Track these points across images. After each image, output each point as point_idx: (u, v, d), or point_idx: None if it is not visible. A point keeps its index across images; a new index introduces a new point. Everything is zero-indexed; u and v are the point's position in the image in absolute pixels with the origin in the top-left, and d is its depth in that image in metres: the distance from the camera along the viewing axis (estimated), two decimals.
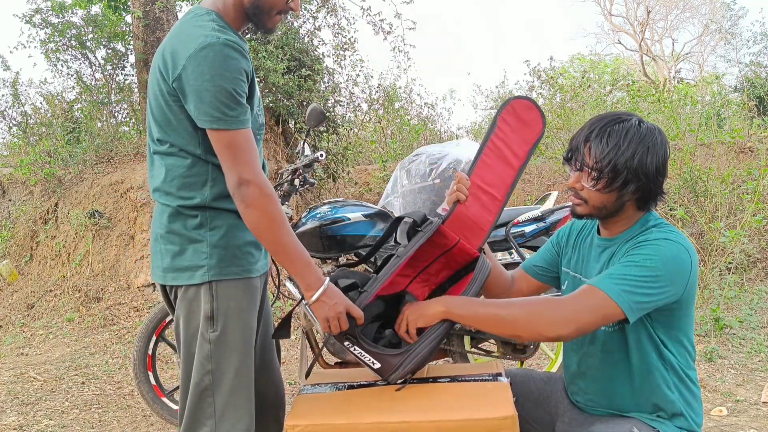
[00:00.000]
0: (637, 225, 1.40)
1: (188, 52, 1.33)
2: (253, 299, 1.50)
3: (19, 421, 3.09)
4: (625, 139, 1.32)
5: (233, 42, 1.35)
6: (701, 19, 19.72)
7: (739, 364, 3.46)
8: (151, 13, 6.24)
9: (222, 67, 1.32)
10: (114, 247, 5.51)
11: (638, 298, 1.25)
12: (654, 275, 1.26)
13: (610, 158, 1.31)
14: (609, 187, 1.33)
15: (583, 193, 1.37)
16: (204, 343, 1.43)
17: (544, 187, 6.26)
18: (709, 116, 7.26)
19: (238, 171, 1.35)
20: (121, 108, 8.01)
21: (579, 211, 1.40)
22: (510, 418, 1.26)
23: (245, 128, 1.37)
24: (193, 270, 1.43)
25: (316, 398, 1.44)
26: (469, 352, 2.92)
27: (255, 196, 1.35)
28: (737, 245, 4.72)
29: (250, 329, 1.48)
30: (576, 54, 18.96)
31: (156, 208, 1.52)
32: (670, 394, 1.35)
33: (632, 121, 1.34)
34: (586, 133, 1.36)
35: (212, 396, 1.43)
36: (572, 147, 1.38)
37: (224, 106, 1.32)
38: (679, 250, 1.28)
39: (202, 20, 1.39)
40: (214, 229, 1.44)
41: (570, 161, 1.39)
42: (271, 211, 1.36)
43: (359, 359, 1.42)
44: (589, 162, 1.33)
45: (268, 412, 1.68)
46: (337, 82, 6.56)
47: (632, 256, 1.30)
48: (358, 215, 2.72)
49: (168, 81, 1.38)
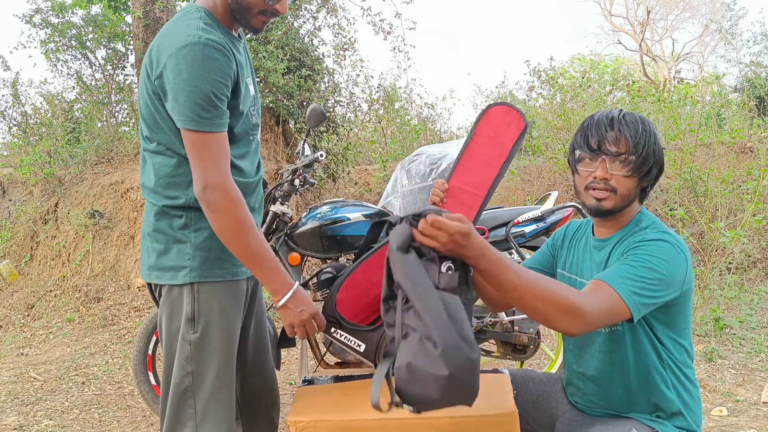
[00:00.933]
0: (631, 224, 1.41)
1: (170, 50, 1.32)
2: (237, 302, 1.49)
3: (19, 421, 3.09)
4: (645, 125, 1.35)
5: (215, 42, 1.33)
6: (701, 19, 19.71)
7: (739, 364, 3.46)
8: (151, 13, 6.24)
9: (200, 68, 1.30)
10: (114, 247, 5.51)
11: (644, 300, 1.25)
12: (659, 277, 1.26)
13: (643, 142, 1.33)
14: (639, 170, 1.35)
15: (612, 182, 1.36)
16: (184, 344, 1.42)
17: (544, 187, 6.26)
18: (709, 116, 7.26)
19: (204, 174, 1.33)
20: (121, 108, 8.00)
21: (606, 206, 1.37)
22: (510, 414, 1.26)
23: (219, 132, 1.35)
24: (176, 270, 1.43)
25: (318, 392, 1.44)
26: None
27: (220, 200, 1.34)
28: (737, 245, 4.72)
29: (232, 332, 1.47)
30: (576, 54, 18.96)
31: (145, 205, 1.52)
32: (668, 393, 1.35)
33: (634, 112, 1.39)
34: (606, 122, 1.36)
35: (193, 398, 1.43)
36: (597, 137, 1.35)
37: (198, 107, 1.31)
38: (676, 252, 1.30)
39: (190, 18, 1.38)
40: (198, 230, 1.43)
41: (595, 151, 1.36)
42: (236, 216, 1.35)
43: (345, 345, 1.45)
44: (621, 147, 1.34)
45: (261, 414, 1.67)
46: (337, 82, 6.56)
47: (636, 256, 1.29)
48: (359, 215, 2.72)
49: (151, 79, 1.37)
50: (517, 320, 2.81)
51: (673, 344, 1.36)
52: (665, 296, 1.28)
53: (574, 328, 1.20)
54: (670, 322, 1.35)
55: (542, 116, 7.38)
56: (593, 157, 1.37)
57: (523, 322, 2.81)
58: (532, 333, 2.80)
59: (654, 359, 1.35)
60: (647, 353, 1.35)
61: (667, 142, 6.49)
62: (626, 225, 1.42)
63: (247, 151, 1.51)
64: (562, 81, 8.42)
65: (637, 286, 1.25)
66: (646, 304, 1.25)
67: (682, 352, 1.37)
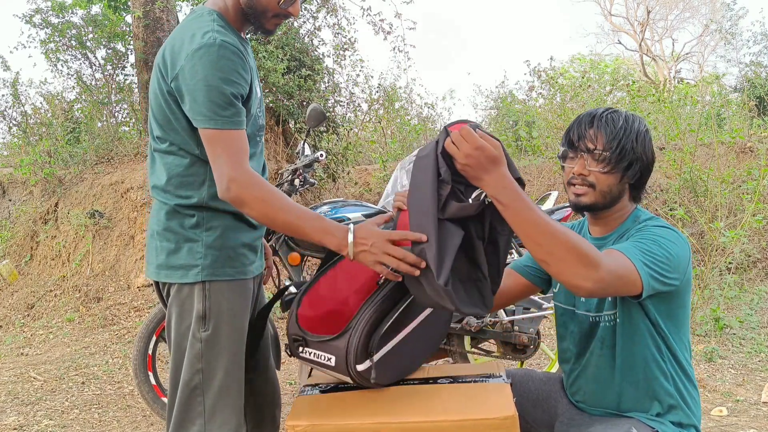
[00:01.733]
0: (628, 221, 1.43)
1: (186, 52, 1.34)
2: (246, 301, 1.50)
3: (19, 421, 3.09)
4: (628, 123, 1.38)
5: (230, 43, 1.35)
6: (701, 19, 19.73)
7: (739, 364, 3.46)
8: (151, 13, 6.24)
9: (216, 68, 1.32)
10: (114, 247, 5.51)
11: (655, 275, 1.25)
12: (667, 255, 1.28)
13: (619, 138, 1.35)
14: (617, 166, 1.36)
15: (590, 178, 1.38)
16: (195, 342, 1.43)
17: (544, 187, 6.27)
18: (709, 116, 7.26)
19: (228, 171, 1.33)
20: (121, 108, 8.01)
21: (584, 201, 1.40)
22: (510, 418, 1.26)
23: (237, 129, 1.36)
24: (187, 269, 1.44)
25: (316, 399, 1.44)
26: (469, 352, 2.92)
27: (244, 192, 1.33)
28: (737, 245, 4.72)
29: (241, 330, 1.48)
30: (576, 54, 18.98)
31: (154, 204, 1.52)
32: (667, 386, 1.36)
33: (625, 111, 1.42)
34: (587, 120, 1.39)
35: (202, 395, 1.44)
36: (576, 134, 1.40)
37: (217, 106, 1.32)
38: (680, 238, 1.33)
39: (203, 20, 1.40)
40: (210, 229, 1.45)
41: (575, 147, 1.40)
42: (264, 199, 1.34)
43: (315, 363, 1.40)
44: (598, 144, 1.36)
45: (266, 411, 1.69)
46: (337, 82, 6.56)
47: (644, 235, 1.32)
48: (358, 215, 2.72)
49: (167, 80, 1.38)
50: (517, 320, 2.81)
51: (673, 337, 1.37)
52: (671, 279, 1.28)
53: (588, 282, 1.16)
54: (672, 315, 1.36)
55: (542, 116, 7.38)
56: (574, 154, 1.41)
57: (523, 322, 2.81)
58: (532, 333, 2.80)
59: (654, 352, 1.36)
60: (647, 345, 1.36)
61: (666, 142, 6.50)
62: (623, 222, 1.43)
63: (255, 152, 1.52)
64: (562, 81, 8.42)
65: (647, 259, 1.25)
66: (656, 279, 1.25)
67: (681, 346, 1.38)
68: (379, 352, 1.35)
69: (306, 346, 1.41)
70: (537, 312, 2.83)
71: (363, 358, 1.34)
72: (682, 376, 1.38)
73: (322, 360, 1.38)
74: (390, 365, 1.39)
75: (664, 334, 1.36)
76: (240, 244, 1.48)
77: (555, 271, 1.18)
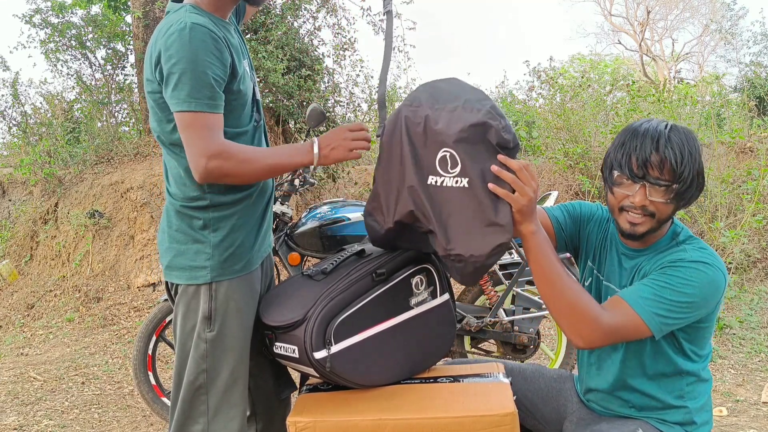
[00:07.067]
0: (666, 237, 1.36)
1: (160, 42, 1.34)
2: (252, 298, 1.51)
3: (19, 421, 3.09)
4: (689, 147, 1.26)
5: (201, 25, 1.33)
6: (701, 19, 19.73)
7: (739, 364, 3.46)
8: (151, 13, 6.24)
9: (189, 50, 1.31)
10: (114, 247, 5.51)
11: (669, 321, 1.25)
12: (689, 302, 1.24)
13: (688, 169, 1.25)
14: (681, 198, 1.28)
15: (650, 208, 1.28)
16: (200, 342, 1.44)
17: (544, 187, 6.26)
18: (709, 116, 7.26)
19: (203, 148, 1.32)
20: (121, 108, 8.01)
21: (640, 230, 1.30)
22: (510, 414, 1.26)
23: (213, 112, 1.34)
24: (194, 270, 1.45)
25: (318, 397, 1.44)
26: (469, 352, 2.92)
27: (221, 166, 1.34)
28: (737, 245, 4.72)
29: (247, 329, 1.49)
30: (576, 54, 18.98)
31: (165, 204, 1.54)
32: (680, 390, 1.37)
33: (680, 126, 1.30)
34: (650, 144, 1.26)
35: (206, 394, 1.45)
36: (639, 160, 1.26)
37: (191, 88, 1.31)
38: (716, 275, 1.26)
39: (179, 14, 1.40)
40: (217, 230, 1.45)
41: (634, 175, 1.27)
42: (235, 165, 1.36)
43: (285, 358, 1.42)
44: (665, 174, 1.25)
45: (277, 413, 1.70)
46: (337, 82, 6.55)
47: (669, 277, 1.26)
48: (358, 215, 2.72)
49: (154, 77, 1.38)
50: (517, 320, 2.81)
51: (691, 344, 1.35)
52: (689, 319, 1.27)
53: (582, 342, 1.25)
54: (692, 327, 1.33)
55: (542, 116, 7.37)
56: (632, 181, 1.28)
57: (523, 322, 2.81)
58: (532, 333, 2.80)
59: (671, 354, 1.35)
60: (663, 349, 1.35)
61: None
62: (661, 239, 1.36)
63: (246, 130, 1.50)
64: (562, 81, 8.41)
65: (663, 308, 1.23)
66: (671, 324, 1.25)
67: (699, 351, 1.37)
68: (339, 344, 1.36)
69: (276, 341, 1.43)
70: (537, 312, 2.83)
71: (320, 345, 1.35)
72: (696, 381, 1.38)
73: (289, 353, 1.40)
74: (351, 360, 1.38)
75: (681, 341, 1.34)
76: (245, 241, 1.49)
77: (556, 319, 1.28)
